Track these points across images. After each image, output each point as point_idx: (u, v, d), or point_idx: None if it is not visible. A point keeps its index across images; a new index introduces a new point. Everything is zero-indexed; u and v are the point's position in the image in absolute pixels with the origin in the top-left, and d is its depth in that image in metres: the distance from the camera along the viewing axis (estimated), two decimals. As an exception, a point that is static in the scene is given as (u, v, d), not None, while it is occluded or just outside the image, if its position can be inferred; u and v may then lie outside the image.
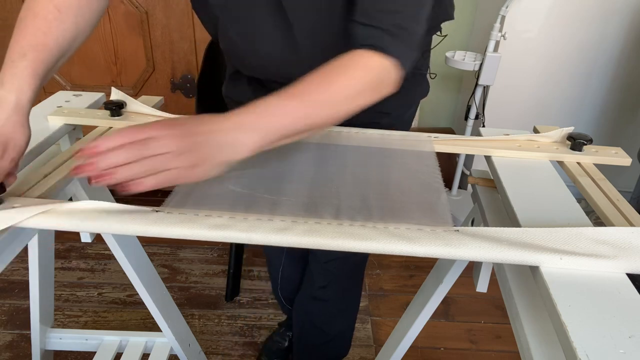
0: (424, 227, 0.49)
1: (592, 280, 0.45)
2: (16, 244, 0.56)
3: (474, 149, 0.71)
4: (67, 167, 0.61)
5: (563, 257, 0.46)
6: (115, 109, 0.75)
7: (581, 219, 0.54)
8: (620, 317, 0.40)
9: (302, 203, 0.54)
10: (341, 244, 0.47)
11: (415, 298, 0.93)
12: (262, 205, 0.53)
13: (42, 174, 0.59)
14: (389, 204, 0.55)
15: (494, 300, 1.52)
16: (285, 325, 1.35)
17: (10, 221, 0.47)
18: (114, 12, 1.61)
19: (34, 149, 0.65)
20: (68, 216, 0.49)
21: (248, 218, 0.50)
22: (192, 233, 0.48)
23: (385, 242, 0.47)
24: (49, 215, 0.49)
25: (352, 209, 0.53)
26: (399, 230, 0.48)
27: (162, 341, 1.07)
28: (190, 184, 0.57)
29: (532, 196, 0.59)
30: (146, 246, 1.30)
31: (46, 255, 0.97)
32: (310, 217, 0.50)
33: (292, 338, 1.32)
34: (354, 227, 0.49)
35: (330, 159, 0.66)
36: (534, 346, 0.47)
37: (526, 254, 0.46)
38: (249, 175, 0.60)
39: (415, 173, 0.63)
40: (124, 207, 0.51)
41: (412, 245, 0.47)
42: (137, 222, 0.49)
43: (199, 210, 0.51)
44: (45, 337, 1.09)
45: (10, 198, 0.52)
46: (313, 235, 0.47)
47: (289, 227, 0.48)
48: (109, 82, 1.73)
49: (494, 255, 0.47)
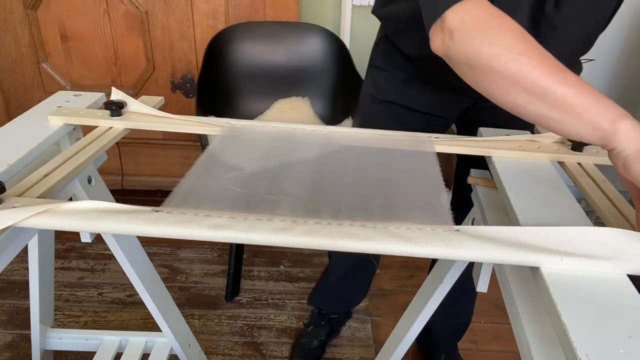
0: (425, 227, 0.49)
1: (593, 281, 0.45)
2: (16, 244, 0.56)
3: (474, 149, 0.71)
4: (67, 167, 0.61)
5: (564, 258, 0.46)
6: (116, 109, 0.75)
7: (582, 220, 0.54)
8: (621, 317, 0.40)
9: (302, 203, 0.54)
10: (341, 244, 0.47)
11: (415, 298, 0.93)
12: (262, 205, 0.53)
13: (42, 174, 0.59)
14: (389, 204, 0.55)
15: (494, 300, 1.52)
16: (314, 324, 1.34)
17: (9, 221, 0.47)
18: (114, 12, 1.61)
19: (34, 149, 0.64)
20: (68, 216, 0.49)
21: (248, 218, 0.49)
22: (191, 233, 0.48)
23: (386, 242, 0.47)
24: (49, 215, 0.49)
25: (353, 209, 0.53)
26: (399, 231, 0.48)
27: (162, 341, 1.07)
28: (190, 184, 0.57)
29: (532, 197, 0.59)
30: (146, 246, 1.30)
31: (46, 255, 0.97)
32: (310, 217, 0.50)
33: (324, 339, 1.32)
34: (354, 227, 0.49)
35: (330, 159, 0.66)
36: (534, 346, 0.47)
37: (526, 255, 0.46)
38: (248, 175, 0.60)
39: (415, 173, 0.63)
40: (124, 207, 0.50)
41: (413, 246, 0.47)
42: (136, 222, 0.48)
43: (199, 210, 0.50)
44: (45, 337, 1.09)
45: (10, 198, 0.52)
46: (313, 235, 0.47)
47: (289, 227, 0.48)
48: (109, 82, 1.73)
49: (494, 255, 0.47)
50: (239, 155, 0.66)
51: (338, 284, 1.25)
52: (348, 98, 1.51)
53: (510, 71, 0.50)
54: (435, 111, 0.90)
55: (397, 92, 0.90)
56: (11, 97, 1.76)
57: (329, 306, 1.33)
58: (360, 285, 1.26)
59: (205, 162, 0.63)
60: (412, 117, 0.90)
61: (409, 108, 0.90)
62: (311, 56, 1.55)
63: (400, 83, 0.89)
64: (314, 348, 1.31)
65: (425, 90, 0.88)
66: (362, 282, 1.25)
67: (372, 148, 0.71)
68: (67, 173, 0.60)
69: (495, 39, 0.51)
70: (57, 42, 1.65)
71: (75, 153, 0.65)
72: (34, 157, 0.65)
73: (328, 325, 1.33)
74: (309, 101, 1.55)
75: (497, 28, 0.52)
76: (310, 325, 1.34)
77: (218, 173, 0.60)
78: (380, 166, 0.65)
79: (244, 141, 0.71)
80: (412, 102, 0.89)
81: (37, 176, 0.58)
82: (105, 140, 0.70)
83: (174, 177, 1.98)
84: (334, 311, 1.33)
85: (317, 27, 1.53)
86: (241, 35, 1.51)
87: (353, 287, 1.25)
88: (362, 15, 1.73)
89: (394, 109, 0.92)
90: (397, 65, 0.88)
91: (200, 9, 1.60)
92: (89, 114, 0.75)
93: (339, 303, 1.32)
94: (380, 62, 0.92)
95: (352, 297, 1.30)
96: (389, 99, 0.92)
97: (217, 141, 0.70)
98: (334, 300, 1.31)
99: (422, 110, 0.90)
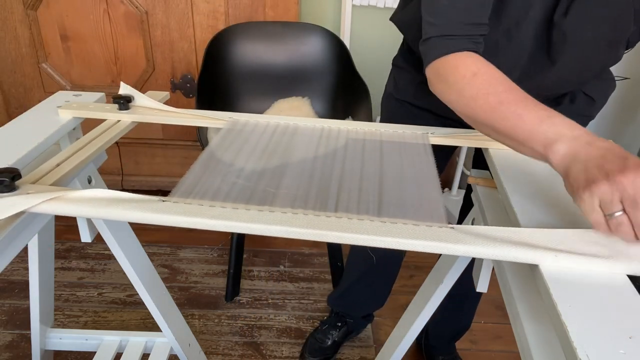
0: (420, 224, 0.51)
1: (593, 281, 0.45)
2: (16, 244, 0.56)
3: (470, 141, 0.73)
4: (78, 157, 0.64)
5: (558, 255, 0.46)
6: (124, 103, 0.77)
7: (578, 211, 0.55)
8: (621, 318, 0.40)
9: (303, 196, 0.56)
10: (339, 236, 0.49)
11: (415, 298, 0.93)
12: (264, 197, 0.55)
13: (55, 164, 0.62)
14: (385, 199, 0.56)
15: (494, 300, 1.52)
16: (328, 323, 1.34)
17: (24, 205, 0.50)
18: (114, 12, 1.61)
19: (42, 142, 0.66)
20: (77, 203, 0.51)
21: (250, 209, 0.52)
22: (195, 221, 0.50)
23: (382, 235, 0.48)
24: (60, 201, 0.51)
25: (350, 202, 0.55)
26: (395, 225, 0.50)
27: (162, 341, 1.08)
28: (196, 176, 0.59)
29: (531, 193, 0.59)
30: (146, 246, 1.31)
31: (46, 255, 0.98)
32: (310, 210, 0.52)
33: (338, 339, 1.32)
34: (351, 221, 0.50)
35: (330, 154, 0.68)
36: (534, 346, 0.47)
37: (521, 250, 0.47)
38: (251, 169, 0.62)
39: (410, 168, 0.65)
40: (133, 196, 0.53)
41: (409, 240, 0.48)
42: (144, 210, 0.50)
43: (204, 201, 0.53)
44: (45, 337, 1.09)
45: (24, 185, 0.54)
46: (311, 227, 0.49)
47: (289, 218, 0.50)
48: (109, 82, 1.73)
49: (488, 251, 0.47)
50: (241, 150, 0.68)
51: (353, 288, 1.25)
52: (348, 98, 1.51)
53: (465, 112, 0.61)
54: (452, 114, 0.90)
55: (415, 93, 0.90)
56: (11, 97, 1.76)
57: (344, 309, 1.33)
58: (376, 291, 1.25)
59: (209, 157, 0.65)
60: (428, 118, 0.91)
61: (425, 109, 0.91)
62: (311, 56, 1.55)
63: (418, 83, 0.89)
64: (325, 347, 1.31)
65: None
66: (378, 287, 1.24)
67: (369, 143, 0.72)
68: (78, 163, 0.63)
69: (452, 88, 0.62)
70: (57, 42, 1.65)
71: (86, 144, 0.68)
72: (48, 145, 0.68)
73: (344, 327, 1.33)
74: (309, 101, 1.55)
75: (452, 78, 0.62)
76: (326, 324, 1.34)
77: (222, 167, 0.62)
78: (377, 161, 0.66)
79: (246, 136, 0.73)
80: (429, 104, 0.89)
81: (49, 165, 0.61)
82: (114, 132, 0.72)
83: (174, 177, 1.99)
84: (350, 314, 1.33)
85: (317, 27, 1.53)
86: (241, 35, 1.51)
87: (368, 292, 1.25)
88: (362, 15, 1.73)
89: (412, 109, 0.92)
90: (416, 66, 0.89)
91: (200, 9, 1.60)
92: (97, 108, 0.77)
93: (354, 307, 1.31)
94: (401, 62, 0.93)
95: (368, 302, 1.29)
96: (406, 99, 0.92)
97: (220, 136, 0.72)
98: (349, 304, 1.31)
99: (438, 112, 0.90)
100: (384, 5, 1.67)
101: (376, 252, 1.13)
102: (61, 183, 0.59)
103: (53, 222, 0.95)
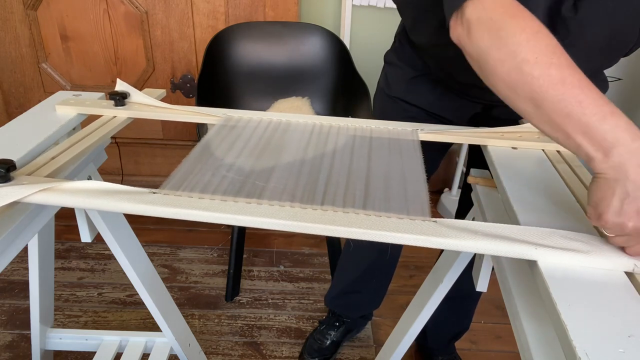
0: (404, 217, 0.51)
1: (592, 280, 0.45)
2: (16, 244, 0.56)
3: (460, 137, 0.74)
4: (73, 150, 0.65)
5: (539, 248, 0.47)
6: (119, 99, 0.78)
7: (573, 204, 0.56)
8: (620, 317, 0.40)
9: (291, 190, 0.57)
10: (323, 228, 0.49)
11: (415, 298, 0.93)
12: (252, 190, 0.56)
13: (50, 157, 0.62)
14: (371, 193, 0.57)
15: (493, 300, 1.52)
16: (326, 323, 1.34)
17: (17, 195, 0.51)
18: (114, 12, 1.61)
19: (42, 142, 0.67)
20: (71, 193, 0.52)
21: (238, 202, 0.53)
22: (184, 212, 0.51)
23: (366, 228, 0.49)
24: (52, 192, 0.52)
25: (337, 196, 0.56)
26: (379, 219, 0.51)
27: (162, 341, 1.08)
28: (187, 169, 0.60)
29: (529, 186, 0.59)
30: (146, 246, 1.31)
31: (46, 255, 0.98)
32: (297, 203, 0.53)
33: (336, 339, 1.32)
34: (337, 214, 0.51)
35: (320, 150, 0.69)
36: (534, 346, 0.47)
37: (504, 245, 0.47)
38: (241, 163, 0.63)
39: (398, 164, 0.65)
40: (124, 188, 0.54)
41: (392, 233, 0.48)
42: (135, 202, 0.51)
43: (193, 194, 0.54)
44: (45, 337, 1.09)
45: (20, 176, 0.55)
46: (298, 219, 0.50)
47: (276, 211, 0.51)
48: (109, 82, 1.73)
49: (470, 244, 0.48)
50: (233, 145, 0.68)
51: (348, 288, 1.25)
52: (348, 98, 1.51)
53: (511, 79, 0.50)
54: (443, 113, 0.90)
55: (406, 89, 0.90)
56: (11, 97, 1.76)
57: (342, 309, 1.33)
58: (372, 292, 1.25)
59: (201, 151, 0.66)
60: (420, 115, 0.91)
61: (416, 106, 0.90)
62: (311, 56, 1.55)
63: (409, 80, 0.89)
64: (324, 347, 1.31)
65: (433, 90, 0.88)
66: (374, 288, 1.24)
67: (359, 139, 0.73)
68: (73, 156, 0.63)
69: (504, 42, 0.50)
70: (57, 42, 1.66)
71: (82, 138, 0.68)
72: (48, 144, 0.68)
73: (342, 327, 1.33)
74: (309, 101, 1.55)
75: (509, 29, 0.50)
76: (324, 324, 1.34)
77: (213, 161, 0.63)
78: (366, 157, 0.67)
79: (239, 131, 0.73)
80: (420, 101, 0.89)
81: (45, 158, 0.62)
82: (109, 127, 0.73)
83: (174, 177, 1.98)
84: (346, 314, 1.33)
85: (317, 27, 1.53)
86: (241, 35, 1.51)
87: (364, 293, 1.25)
88: (362, 15, 1.73)
89: (403, 106, 0.92)
90: (407, 61, 0.89)
91: (200, 9, 1.60)
92: (94, 104, 0.78)
93: (350, 307, 1.31)
94: (393, 58, 0.93)
95: (364, 302, 1.29)
96: (397, 95, 0.92)
97: (214, 131, 0.73)
98: (345, 304, 1.31)
99: (429, 110, 0.90)
100: (384, 5, 1.67)
101: (372, 251, 1.13)
102: (57, 175, 0.60)
103: (53, 222, 0.95)
